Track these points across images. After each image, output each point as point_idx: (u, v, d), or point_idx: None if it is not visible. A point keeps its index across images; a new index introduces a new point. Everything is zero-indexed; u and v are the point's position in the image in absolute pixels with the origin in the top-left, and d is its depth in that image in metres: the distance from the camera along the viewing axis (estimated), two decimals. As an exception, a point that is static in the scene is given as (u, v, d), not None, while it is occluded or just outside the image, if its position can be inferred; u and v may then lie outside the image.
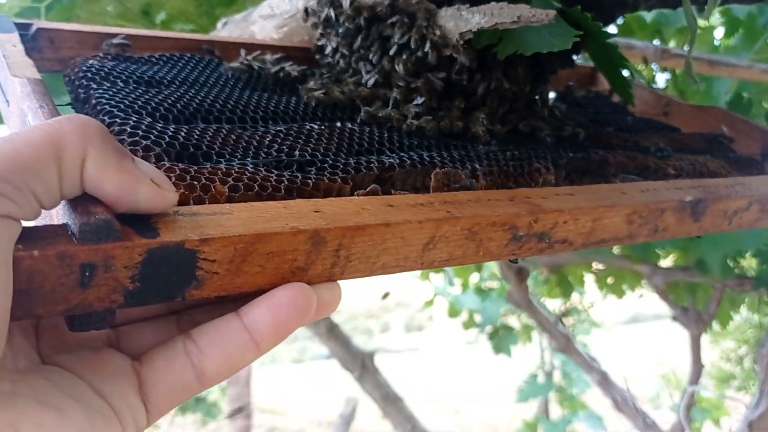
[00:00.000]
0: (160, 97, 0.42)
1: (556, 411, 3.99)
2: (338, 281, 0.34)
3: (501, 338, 3.23)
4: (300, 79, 0.53)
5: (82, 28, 0.51)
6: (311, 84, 0.51)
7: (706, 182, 0.50)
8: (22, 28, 0.49)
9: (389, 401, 2.26)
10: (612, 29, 1.37)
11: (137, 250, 0.27)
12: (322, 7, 0.55)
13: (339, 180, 0.38)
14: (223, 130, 0.40)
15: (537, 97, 0.59)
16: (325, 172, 0.39)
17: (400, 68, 0.50)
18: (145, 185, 0.27)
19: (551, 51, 0.48)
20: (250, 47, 0.56)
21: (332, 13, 0.54)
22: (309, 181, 0.37)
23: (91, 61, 0.46)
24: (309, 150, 0.40)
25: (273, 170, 0.37)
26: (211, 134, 0.39)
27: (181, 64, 0.50)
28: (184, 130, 0.38)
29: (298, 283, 0.31)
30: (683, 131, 0.68)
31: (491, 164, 0.44)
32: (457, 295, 3.64)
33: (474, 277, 3.22)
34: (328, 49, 0.56)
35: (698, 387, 2.28)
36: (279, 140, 0.41)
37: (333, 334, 2.24)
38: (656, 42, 1.34)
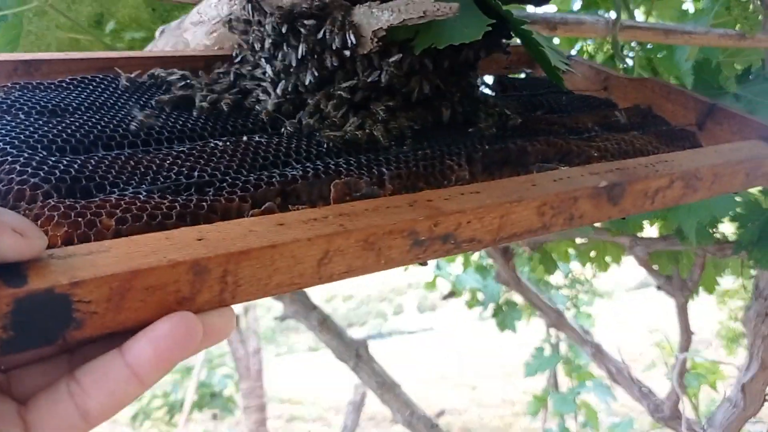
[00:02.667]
0: (60, 127, 0.42)
1: (565, 383, 4.02)
2: (232, 306, 0.34)
3: (505, 314, 3.24)
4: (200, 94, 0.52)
5: (-9, 57, 0.51)
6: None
7: (625, 164, 0.50)
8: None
9: (386, 388, 2.28)
10: (551, 8, 1.36)
11: (3, 300, 0.27)
12: (241, 12, 0.54)
13: (237, 199, 0.38)
14: (122, 157, 0.40)
15: (463, 87, 0.58)
16: (224, 192, 0.39)
17: (311, 74, 0.50)
18: (6, 236, 0.27)
19: (463, 42, 0.48)
20: (168, 61, 0.56)
21: (250, 17, 0.53)
22: (204, 203, 0.37)
23: (-4, 94, 0.46)
24: (209, 169, 0.40)
25: (168, 195, 0.37)
26: (107, 163, 0.39)
27: (90, 88, 0.50)
28: (79, 162, 0.38)
29: (179, 312, 0.31)
30: (620, 106, 0.68)
31: (400, 166, 0.44)
32: (458, 275, 3.65)
33: (475, 256, 3.23)
34: (248, 54, 0.56)
35: (688, 354, 2.30)
36: (180, 161, 0.41)
37: (325, 326, 2.25)
38: (608, 14, 1.32)
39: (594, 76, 0.75)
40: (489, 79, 0.71)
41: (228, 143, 0.44)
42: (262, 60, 0.53)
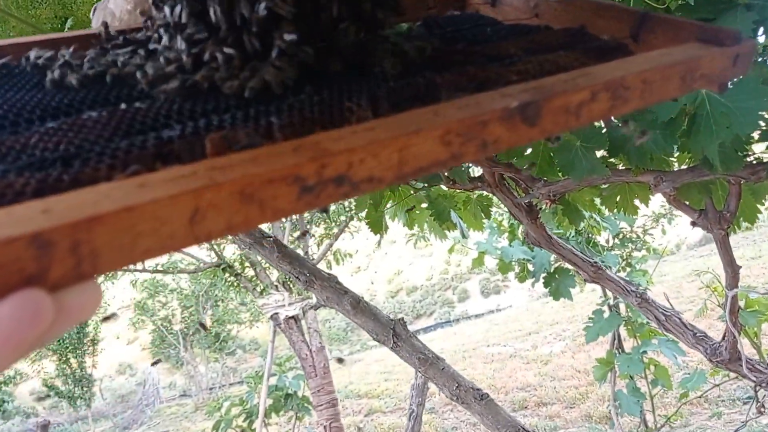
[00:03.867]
0: None
1: (631, 345, 3.95)
2: (94, 278, 0.31)
3: (558, 282, 3.17)
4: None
5: None
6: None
7: (542, 82, 0.47)
8: None
9: (429, 364, 2.25)
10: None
11: None
12: None
13: (104, 168, 0.36)
14: (-15, 141, 0.37)
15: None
16: (90, 162, 0.36)
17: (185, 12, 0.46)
18: None
19: None
20: (46, 44, 0.53)
21: None
22: (64, 176, 0.34)
23: None
24: (77, 142, 0.37)
25: (26, 173, 0.35)
26: (-35, 149, 0.36)
27: (-32, 77, 0.47)
28: (-69, 150, 0.35)
29: (21, 291, 0.28)
30: (549, 30, 0.65)
31: (292, 115, 0.41)
32: (504, 248, 3.59)
33: (522, 228, 3.17)
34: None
35: (741, 291, 2.23)
36: (47, 138, 0.38)
37: (359, 309, 2.22)
38: None
39: (523, 5, 0.71)
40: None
41: (103, 113, 0.41)
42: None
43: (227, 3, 0.46)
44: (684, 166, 1.96)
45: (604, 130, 1.56)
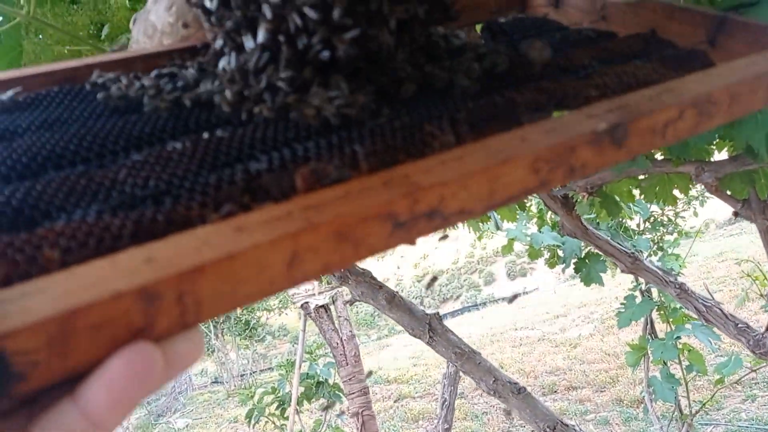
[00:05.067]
0: (6, 152, 0.39)
1: (664, 329, 3.89)
2: (197, 326, 0.31)
3: (589, 267, 3.13)
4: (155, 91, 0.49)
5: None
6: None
7: (626, 100, 0.46)
8: None
9: (466, 358, 2.24)
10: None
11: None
12: None
13: (196, 206, 0.35)
14: (73, 176, 0.37)
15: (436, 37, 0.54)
16: (181, 200, 0.35)
17: (261, 35, 0.45)
18: None
19: None
20: (119, 65, 0.52)
21: None
22: (158, 216, 0.34)
23: (-58, 125, 0.43)
24: (166, 177, 0.37)
25: (120, 213, 0.34)
26: (55, 185, 0.36)
27: (45, 104, 0.47)
28: (23, 190, 0.35)
29: (132, 346, 0.28)
30: (620, 35, 0.63)
31: (375, 142, 0.40)
32: (534, 234, 3.55)
33: (550, 212, 3.12)
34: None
35: None
36: (135, 172, 0.37)
37: (394, 303, 2.22)
38: None
39: (589, 7, 0.69)
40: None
41: (187, 144, 0.40)
42: (219, 39, 0.49)
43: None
44: (724, 154, 1.92)
45: None
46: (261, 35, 0.44)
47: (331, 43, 0.45)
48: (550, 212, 3.25)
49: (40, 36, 1.13)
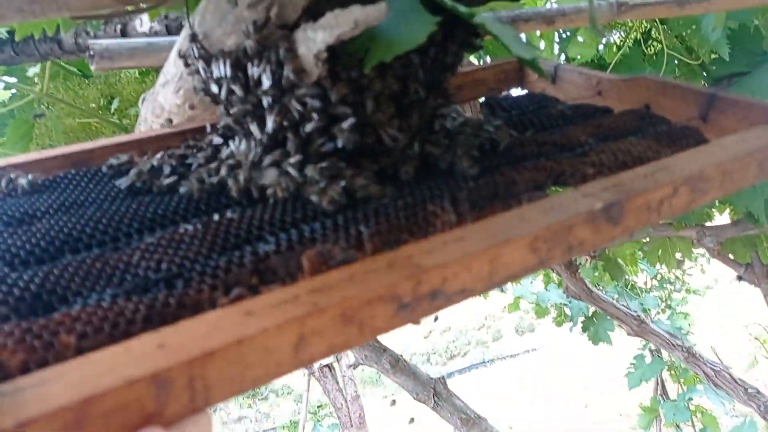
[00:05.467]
0: (25, 237, 0.41)
1: (675, 390, 3.82)
2: (207, 408, 0.32)
3: (597, 326, 3.11)
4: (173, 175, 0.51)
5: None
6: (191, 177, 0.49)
7: (621, 178, 0.47)
8: None
9: (471, 424, 2.20)
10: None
11: (-51, 453, 0.25)
12: (191, 56, 0.52)
13: (206, 289, 0.37)
14: (89, 260, 0.39)
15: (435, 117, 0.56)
16: (192, 283, 0.37)
17: (271, 122, 0.47)
18: None
19: (410, 48, 0.45)
20: (131, 146, 0.54)
21: (197, 65, 0.51)
22: (171, 300, 0.35)
23: (-36, 209, 0.45)
24: (177, 260, 0.38)
25: (134, 297, 0.36)
26: (72, 269, 0.37)
27: (62, 186, 0.49)
28: (41, 275, 0.37)
29: (144, 429, 0.29)
30: (615, 111, 0.65)
31: (379, 222, 0.42)
32: (540, 293, 3.54)
33: (555, 276, 3.12)
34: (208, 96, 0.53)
35: None
36: (148, 255, 0.39)
37: (398, 367, 2.20)
38: (612, 0, 1.25)
39: (585, 82, 0.71)
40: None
41: (198, 226, 0.42)
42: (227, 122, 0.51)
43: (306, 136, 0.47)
44: (726, 217, 1.93)
45: None
46: (269, 124, 0.47)
47: (331, 132, 0.47)
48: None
49: (51, 109, 1.17)
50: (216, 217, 0.43)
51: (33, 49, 0.92)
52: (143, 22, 0.87)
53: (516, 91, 0.77)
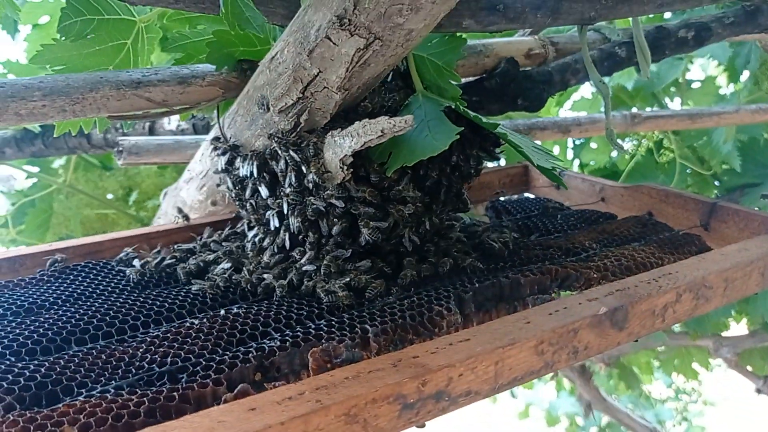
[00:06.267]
0: (33, 327, 0.41)
1: None
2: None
3: None
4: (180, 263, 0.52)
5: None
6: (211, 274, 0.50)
7: (625, 283, 0.48)
8: None
9: None
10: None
11: None
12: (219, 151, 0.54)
13: (210, 383, 0.36)
14: (94, 351, 0.39)
15: (449, 221, 0.57)
16: (197, 378, 0.37)
17: (295, 222, 0.49)
18: None
19: (432, 154, 0.47)
20: (143, 238, 0.56)
21: (224, 164, 0.53)
22: (174, 394, 0.35)
23: (-25, 297, 0.46)
24: (182, 354, 0.39)
25: (138, 389, 0.36)
26: (78, 360, 0.38)
27: (71, 277, 0.50)
28: (47, 364, 0.37)
29: None
30: (619, 216, 0.66)
31: (385, 320, 0.42)
32: (552, 401, 3.45)
33: (567, 382, 3.05)
34: (233, 194, 0.55)
35: None
36: (153, 348, 0.39)
37: None
38: (625, 111, 1.29)
39: (589, 189, 0.73)
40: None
41: (204, 320, 0.42)
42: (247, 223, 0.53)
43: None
44: (743, 327, 1.92)
45: None
46: (293, 223, 0.48)
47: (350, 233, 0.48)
48: (567, 378, 3.17)
49: (71, 200, 1.19)
50: (222, 312, 0.44)
51: (62, 143, 0.96)
52: (171, 120, 0.91)
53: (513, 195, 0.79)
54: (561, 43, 0.76)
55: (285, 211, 0.49)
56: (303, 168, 0.48)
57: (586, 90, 1.83)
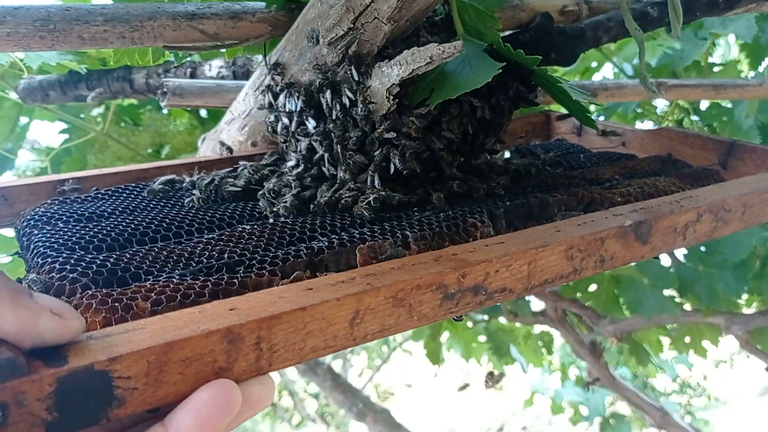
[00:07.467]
0: (95, 230, 0.44)
1: None
2: (270, 374, 0.34)
3: (614, 429, 3.04)
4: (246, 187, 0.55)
5: (32, 181, 0.55)
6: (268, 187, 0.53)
7: (648, 203, 0.50)
8: (-25, 192, 0.52)
9: None
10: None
11: (46, 380, 0.28)
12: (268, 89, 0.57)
13: (267, 273, 0.39)
14: (155, 249, 0.42)
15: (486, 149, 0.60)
16: (253, 269, 0.40)
17: (338, 147, 0.51)
18: (44, 318, 0.28)
19: (476, 87, 0.49)
20: (194, 166, 0.59)
21: (270, 98, 0.56)
22: (235, 281, 0.38)
23: (37, 209, 0.49)
24: (238, 251, 0.42)
25: (200, 277, 0.39)
26: (141, 255, 0.41)
27: (124, 195, 0.53)
28: (114, 257, 0.40)
29: (217, 380, 0.31)
30: (639, 157, 0.69)
31: (423, 229, 0.45)
32: (557, 390, 3.48)
33: (574, 371, 3.07)
34: (280, 128, 0.58)
35: None
36: (210, 247, 0.42)
37: None
38: (651, 80, 1.30)
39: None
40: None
41: (255, 226, 0.45)
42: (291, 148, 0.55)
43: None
44: (753, 308, 1.94)
45: (672, 269, 1.57)
46: (337, 149, 0.51)
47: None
48: (572, 366, 3.18)
49: (102, 152, 1.23)
50: (271, 220, 0.47)
51: (105, 87, 0.98)
52: (212, 67, 0.93)
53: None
54: (594, 2, 0.78)
55: (330, 142, 0.52)
56: (349, 98, 0.50)
57: (608, 70, 1.85)
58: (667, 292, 1.61)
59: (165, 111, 1.29)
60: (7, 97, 1.17)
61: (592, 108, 1.64)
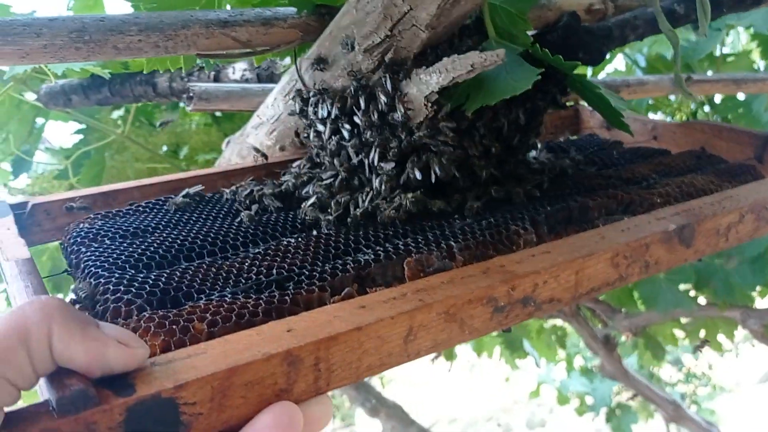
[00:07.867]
0: (143, 247, 0.44)
1: None
2: (327, 393, 0.35)
3: (619, 419, 3.03)
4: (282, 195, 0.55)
5: (73, 194, 0.55)
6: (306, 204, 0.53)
7: (690, 205, 0.50)
8: (18, 208, 0.53)
9: None
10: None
11: (116, 410, 0.28)
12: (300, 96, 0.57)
13: (316, 290, 0.40)
14: (204, 265, 0.42)
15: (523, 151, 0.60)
16: (303, 285, 0.40)
17: (375, 155, 0.51)
18: (111, 348, 0.29)
19: (514, 95, 0.49)
20: (221, 176, 0.59)
21: (301, 105, 0.56)
22: (286, 298, 0.38)
23: (81, 225, 0.49)
24: (286, 266, 0.42)
25: (252, 295, 0.39)
26: (191, 272, 0.41)
27: (164, 209, 0.53)
28: (165, 275, 0.40)
29: (280, 403, 0.32)
30: (673, 152, 0.68)
31: (467, 238, 0.45)
32: (563, 380, 3.48)
33: (578, 360, 3.07)
34: (312, 135, 0.58)
35: None
36: (257, 263, 0.42)
37: None
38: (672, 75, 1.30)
39: (641, 128, 0.75)
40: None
41: (300, 239, 0.46)
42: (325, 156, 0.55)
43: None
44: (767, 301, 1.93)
45: (688, 264, 1.57)
46: (373, 157, 0.51)
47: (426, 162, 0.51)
48: (578, 356, 3.17)
49: (120, 154, 1.24)
50: (314, 233, 0.47)
51: (128, 91, 0.99)
52: (235, 70, 0.94)
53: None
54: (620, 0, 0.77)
55: (369, 149, 0.52)
56: (387, 105, 0.50)
57: (620, 62, 1.84)
58: (682, 287, 1.61)
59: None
60: (24, 99, 1.18)
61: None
